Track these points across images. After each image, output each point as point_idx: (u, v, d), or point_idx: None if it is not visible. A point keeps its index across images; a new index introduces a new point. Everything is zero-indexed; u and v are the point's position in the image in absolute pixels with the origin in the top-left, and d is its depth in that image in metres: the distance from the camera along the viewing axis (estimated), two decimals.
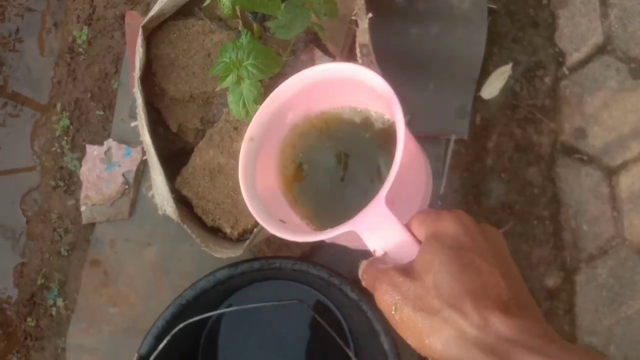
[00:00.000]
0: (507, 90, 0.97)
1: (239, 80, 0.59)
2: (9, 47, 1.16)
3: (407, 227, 0.34)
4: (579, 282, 0.94)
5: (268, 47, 0.60)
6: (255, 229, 0.65)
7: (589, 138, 0.97)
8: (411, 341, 0.30)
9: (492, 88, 0.96)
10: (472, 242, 0.32)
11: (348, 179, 0.44)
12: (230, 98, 0.60)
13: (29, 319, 1.00)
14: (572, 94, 0.98)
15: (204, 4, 0.63)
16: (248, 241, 0.64)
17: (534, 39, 0.99)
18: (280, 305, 0.83)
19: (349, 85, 0.42)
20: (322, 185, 0.45)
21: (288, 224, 0.40)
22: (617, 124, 0.97)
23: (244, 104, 0.59)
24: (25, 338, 1.01)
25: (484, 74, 0.96)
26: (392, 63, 0.94)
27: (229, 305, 0.84)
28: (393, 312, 0.31)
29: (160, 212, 0.69)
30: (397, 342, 0.67)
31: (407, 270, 0.32)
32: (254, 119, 0.43)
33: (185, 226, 0.65)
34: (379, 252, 0.35)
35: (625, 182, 0.96)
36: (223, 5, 0.55)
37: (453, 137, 0.94)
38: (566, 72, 0.98)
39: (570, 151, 0.97)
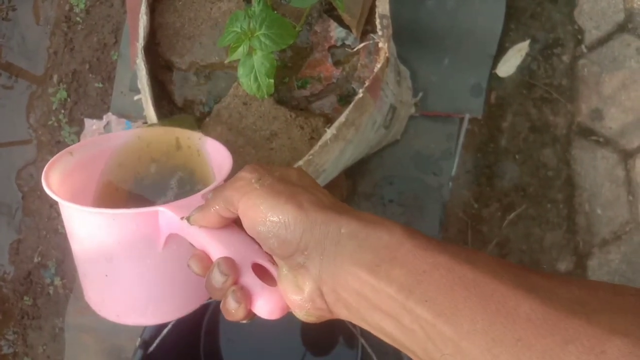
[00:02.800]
0: (524, 68, 0.93)
1: (250, 52, 0.55)
2: (1, 16, 1.11)
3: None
4: (591, 267, 0.92)
5: (281, 16, 0.56)
6: None
7: (606, 120, 0.94)
8: (265, 206, 0.30)
9: (508, 65, 0.92)
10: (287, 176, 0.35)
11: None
12: (240, 71, 0.56)
13: (25, 298, 0.98)
14: (590, 73, 0.94)
15: None
16: None
17: (552, 15, 0.95)
18: None
19: None
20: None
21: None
22: (635, 106, 0.94)
23: (256, 78, 0.56)
24: (22, 317, 0.98)
25: (501, 50, 0.93)
26: (406, 37, 0.90)
27: None
28: (254, 182, 0.32)
29: None
30: None
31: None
32: (79, 144, 0.49)
33: None
34: (192, 220, 0.35)
35: None
36: None
37: (467, 116, 0.91)
38: (585, 50, 0.95)
39: (587, 133, 0.94)
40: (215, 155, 0.49)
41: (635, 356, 0.21)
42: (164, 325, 0.62)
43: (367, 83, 0.60)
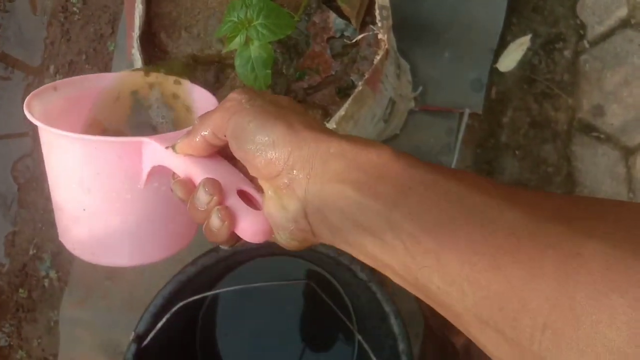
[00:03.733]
0: (525, 63, 0.92)
1: (247, 42, 0.54)
2: (0, 8, 1.09)
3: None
4: None
5: (279, 6, 0.55)
6: None
7: (607, 116, 0.93)
8: (254, 124, 0.30)
9: (509, 60, 0.91)
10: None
11: None
12: (237, 61, 0.55)
13: (20, 290, 0.97)
14: (591, 69, 0.93)
15: None
16: None
17: (555, 9, 0.94)
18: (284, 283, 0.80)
19: None
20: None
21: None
22: (637, 103, 0.93)
23: (253, 68, 0.55)
24: (17, 309, 0.97)
25: (502, 44, 0.92)
26: (406, 31, 0.89)
27: (230, 281, 0.80)
28: (244, 101, 0.31)
29: None
30: (407, 324, 0.64)
31: None
32: (62, 81, 0.46)
33: None
34: (178, 147, 0.34)
35: None
36: None
37: (467, 111, 0.90)
38: (587, 45, 0.94)
39: (588, 129, 0.93)
40: (202, 103, 0.48)
41: (611, 256, 0.21)
42: (158, 319, 0.61)
43: (366, 75, 0.59)
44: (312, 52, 0.65)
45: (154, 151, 0.35)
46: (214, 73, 0.66)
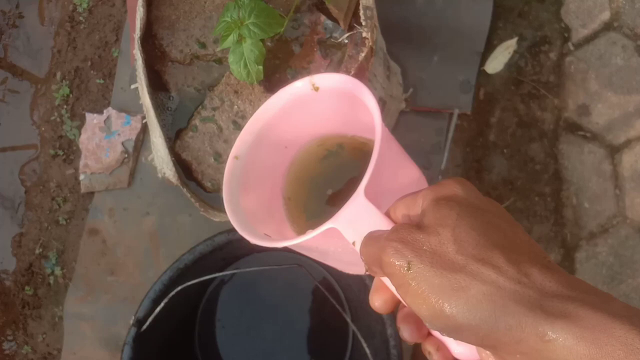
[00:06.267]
0: (512, 65, 0.96)
1: (240, 40, 0.58)
2: (10, 23, 1.14)
3: (391, 214, 0.31)
4: (579, 259, 0.94)
5: (270, 6, 0.59)
6: None
7: (593, 115, 0.96)
8: (425, 309, 0.24)
9: (496, 62, 0.95)
10: (484, 204, 0.27)
11: (337, 200, 0.45)
12: (231, 58, 0.59)
13: (26, 288, 1.00)
14: (577, 70, 0.97)
15: None
16: None
17: (540, 13, 0.98)
18: (279, 275, 0.83)
19: (329, 105, 0.42)
20: (318, 208, 0.46)
21: (273, 237, 0.40)
22: (621, 102, 0.96)
23: (245, 64, 0.59)
24: (23, 307, 1.01)
25: (489, 48, 0.95)
26: (397, 34, 0.93)
27: (229, 275, 0.83)
28: (404, 272, 0.25)
29: (159, 175, 0.69)
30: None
31: (418, 227, 0.27)
32: (238, 139, 0.43)
33: (184, 189, 0.64)
34: (358, 245, 0.32)
35: (628, 160, 0.95)
36: None
37: (456, 112, 0.93)
38: (571, 48, 0.97)
39: (574, 128, 0.96)
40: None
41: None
42: (157, 304, 0.64)
43: (352, 72, 0.62)
44: (303, 52, 0.69)
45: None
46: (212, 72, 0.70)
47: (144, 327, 0.63)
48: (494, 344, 0.23)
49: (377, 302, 0.30)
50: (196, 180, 0.69)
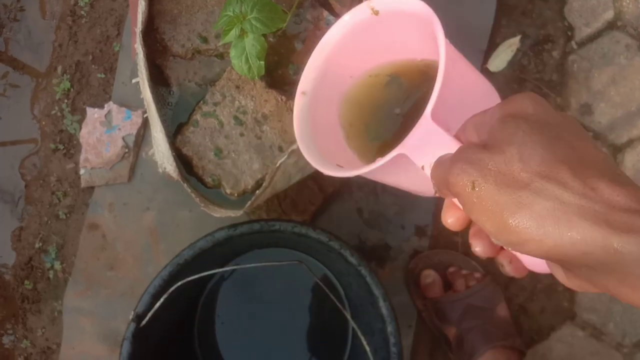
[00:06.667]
0: (515, 64, 0.96)
1: (242, 35, 0.58)
2: (10, 17, 1.14)
3: (460, 135, 0.31)
4: None
5: (272, 1, 0.58)
6: (257, 191, 0.64)
7: (595, 114, 0.96)
8: (490, 225, 0.25)
9: (499, 60, 0.94)
10: (554, 119, 0.27)
11: (406, 123, 0.44)
12: (232, 52, 0.59)
13: (26, 282, 1.00)
14: (579, 69, 0.97)
15: None
16: (249, 202, 0.63)
17: (543, 12, 0.97)
18: (279, 272, 0.83)
19: (391, 29, 0.41)
20: (383, 130, 0.45)
21: (345, 167, 0.40)
22: (624, 101, 0.96)
23: (247, 59, 0.58)
24: (23, 301, 1.01)
25: (491, 46, 0.95)
26: None
27: (229, 271, 0.83)
28: (469, 191, 0.25)
29: (160, 170, 0.68)
30: (395, 307, 0.67)
31: (483, 146, 0.27)
32: (303, 74, 0.43)
33: (185, 185, 0.64)
34: (427, 169, 0.32)
35: (631, 160, 0.95)
36: None
37: None
38: (575, 46, 0.97)
39: None
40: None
41: None
42: (157, 300, 0.64)
43: None
44: (305, 48, 0.69)
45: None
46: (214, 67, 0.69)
47: (144, 322, 0.63)
48: (560, 257, 0.24)
49: (450, 219, 0.31)
50: (197, 176, 0.68)
